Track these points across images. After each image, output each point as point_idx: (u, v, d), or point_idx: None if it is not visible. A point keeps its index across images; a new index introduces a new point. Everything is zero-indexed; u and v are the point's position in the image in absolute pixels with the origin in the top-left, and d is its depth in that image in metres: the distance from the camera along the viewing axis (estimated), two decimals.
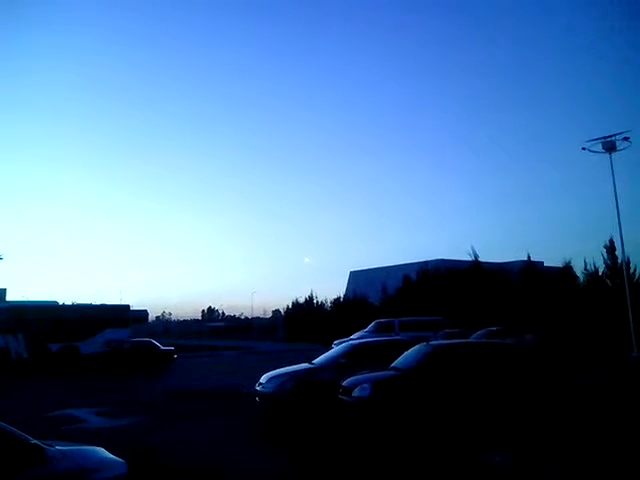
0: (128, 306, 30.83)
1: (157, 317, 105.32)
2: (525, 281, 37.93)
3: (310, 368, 12.41)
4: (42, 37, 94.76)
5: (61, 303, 31.35)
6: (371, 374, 10.46)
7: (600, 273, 35.53)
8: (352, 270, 64.00)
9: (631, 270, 31.80)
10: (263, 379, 12.14)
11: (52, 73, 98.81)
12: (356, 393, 9.85)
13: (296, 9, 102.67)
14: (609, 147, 25.42)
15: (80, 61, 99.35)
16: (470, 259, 43.03)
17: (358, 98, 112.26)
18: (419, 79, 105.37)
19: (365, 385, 9.89)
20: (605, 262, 34.70)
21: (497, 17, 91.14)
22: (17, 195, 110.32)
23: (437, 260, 48.07)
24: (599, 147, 25.73)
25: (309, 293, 58.31)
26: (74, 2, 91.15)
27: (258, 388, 12.01)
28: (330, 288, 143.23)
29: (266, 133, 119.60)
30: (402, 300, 42.34)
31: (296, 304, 58.45)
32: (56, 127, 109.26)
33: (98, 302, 32.16)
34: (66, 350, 25.61)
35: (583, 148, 26.13)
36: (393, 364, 10.94)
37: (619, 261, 32.24)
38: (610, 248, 33.99)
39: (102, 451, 5.10)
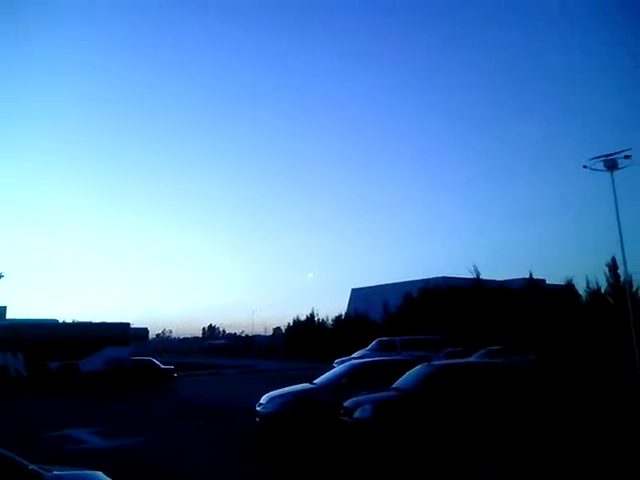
0: (128, 324, 30.68)
1: (157, 335, 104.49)
2: (527, 299, 37.86)
3: (311, 388, 12.31)
4: (45, 45, 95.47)
5: (61, 321, 31.27)
6: (372, 395, 10.36)
7: (602, 291, 35.51)
8: (354, 288, 63.98)
9: (633, 288, 31.71)
10: (263, 399, 12.02)
11: (52, 87, 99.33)
12: (357, 414, 9.76)
13: (289, 13, 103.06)
14: (611, 165, 25.42)
15: (81, 74, 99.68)
16: (472, 277, 43.02)
17: (361, 116, 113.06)
18: (426, 98, 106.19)
19: (366, 406, 9.79)
20: (607, 280, 34.73)
21: (496, 30, 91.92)
22: (18, 213, 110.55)
23: (439, 278, 48.03)
24: (601, 165, 25.74)
25: (310, 311, 58.18)
26: (73, 10, 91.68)
27: (258, 408, 11.89)
28: (331, 306, 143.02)
29: (265, 151, 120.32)
30: (404, 318, 42.26)
31: (297, 322, 58.21)
32: (56, 143, 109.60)
33: (98, 320, 32.14)
34: (66, 368, 25.47)
35: (584, 166, 26.18)
36: (395, 384, 10.86)
37: (621, 279, 32.22)
38: (612, 266, 34.01)
39: (100, 475, 5.04)
